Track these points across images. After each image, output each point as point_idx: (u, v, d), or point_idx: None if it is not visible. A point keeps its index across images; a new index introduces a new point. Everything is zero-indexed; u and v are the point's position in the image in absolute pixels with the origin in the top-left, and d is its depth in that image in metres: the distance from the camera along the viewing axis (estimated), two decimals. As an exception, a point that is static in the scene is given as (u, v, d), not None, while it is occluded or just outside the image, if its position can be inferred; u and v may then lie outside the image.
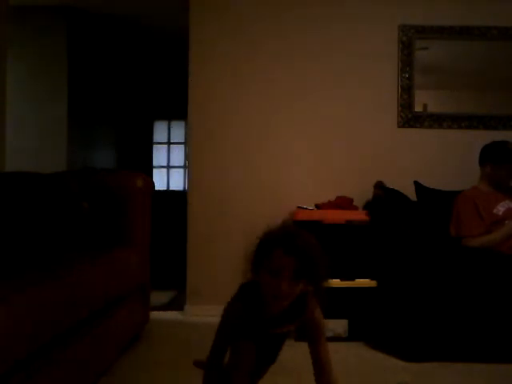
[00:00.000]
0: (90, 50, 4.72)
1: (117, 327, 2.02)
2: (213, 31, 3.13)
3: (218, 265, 3.06)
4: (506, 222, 2.51)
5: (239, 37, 3.14)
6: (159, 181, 6.35)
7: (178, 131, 6.54)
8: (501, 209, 2.57)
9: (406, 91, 3.12)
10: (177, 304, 3.24)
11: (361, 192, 2.94)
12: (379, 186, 2.85)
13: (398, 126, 3.14)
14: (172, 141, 6.60)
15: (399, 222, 2.58)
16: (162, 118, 6.52)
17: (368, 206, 2.86)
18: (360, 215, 2.66)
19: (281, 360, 2.11)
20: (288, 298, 1.26)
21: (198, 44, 3.12)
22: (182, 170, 6.56)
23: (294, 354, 2.27)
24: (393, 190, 2.82)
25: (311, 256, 1.25)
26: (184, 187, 6.30)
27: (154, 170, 6.55)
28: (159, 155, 6.59)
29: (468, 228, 2.54)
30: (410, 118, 3.13)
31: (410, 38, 3.12)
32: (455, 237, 2.58)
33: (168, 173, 6.60)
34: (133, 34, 4.98)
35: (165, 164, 6.60)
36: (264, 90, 3.13)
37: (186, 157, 6.13)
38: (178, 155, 6.60)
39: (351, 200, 2.85)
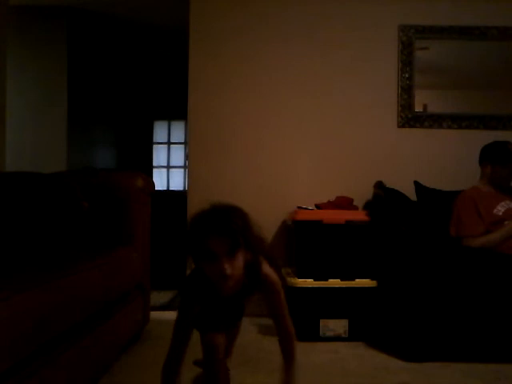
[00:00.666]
0: (89, 50, 4.72)
1: (117, 327, 2.02)
2: (213, 31, 3.13)
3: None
4: (506, 222, 2.51)
5: (239, 37, 3.14)
6: (159, 181, 6.35)
7: (178, 131, 6.53)
8: (501, 209, 2.57)
9: (406, 91, 3.12)
10: (177, 304, 3.23)
11: (361, 192, 2.94)
12: (379, 185, 2.85)
13: (398, 126, 3.14)
14: (172, 141, 6.59)
15: (399, 221, 2.58)
16: (161, 117, 6.51)
17: (368, 206, 2.87)
18: (360, 215, 2.66)
19: (281, 360, 2.11)
20: (234, 275, 1.28)
21: (198, 44, 3.12)
22: (182, 170, 6.56)
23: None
24: (393, 189, 2.82)
25: (239, 227, 1.27)
26: (184, 187, 6.30)
27: (154, 170, 6.55)
28: (159, 155, 6.59)
29: (468, 228, 2.54)
30: (410, 118, 3.13)
31: (410, 38, 3.12)
32: (455, 237, 2.58)
33: (168, 173, 6.60)
34: (133, 34, 4.98)
35: (165, 164, 6.60)
36: (264, 90, 3.13)
37: (186, 157, 6.13)
38: (177, 155, 6.60)
39: (351, 200, 2.85)
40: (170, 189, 6.52)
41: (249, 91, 3.13)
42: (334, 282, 2.56)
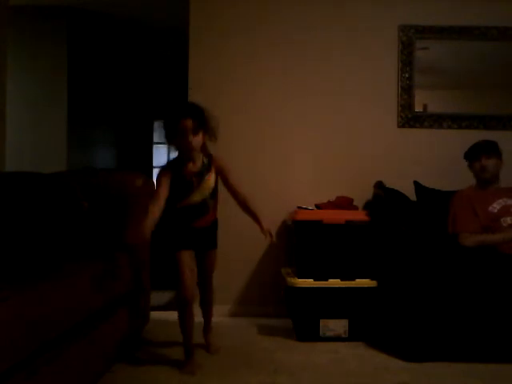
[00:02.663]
0: (90, 50, 4.72)
1: (117, 327, 2.02)
2: (213, 31, 3.13)
3: (216, 265, 3.06)
4: (502, 219, 2.52)
5: (239, 36, 3.14)
6: (159, 181, 6.33)
7: (178, 131, 6.52)
8: (497, 206, 2.59)
9: (406, 91, 3.12)
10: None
11: (361, 192, 2.94)
12: (379, 185, 2.85)
13: (398, 126, 3.14)
14: (172, 141, 6.58)
15: (399, 221, 2.58)
16: (162, 118, 6.49)
17: (368, 206, 2.87)
18: (360, 215, 2.66)
19: (281, 360, 2.12)
20: (196, 146, 2.05)
21: (198, 44, 3.12)
22: (181, 170, 6.54)
23: (294, 354, 2.27)
24: (393, 189, 2.82)
25: (201, 114, 2.03)
26: (184, 187, 6.28)
27: (154, 170, 6.55)
28: (159, 155, 6.59)
29: (464, 225, 2.55)
30: (410, 118, 3.13)
31: (410, 38, 3.12)
32: (452, 234, 2.59)
33: (168, 173, 6.58)
34: (133, 34, 4.98)
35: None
36: (264, 90, 3.13)
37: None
38: (177, 155, 6.58)
39: (351, 200, 2.85)
40: (170, 189, 6.50)
41: (248, 91, 3.13)
42: (334, 282, 2.55)
